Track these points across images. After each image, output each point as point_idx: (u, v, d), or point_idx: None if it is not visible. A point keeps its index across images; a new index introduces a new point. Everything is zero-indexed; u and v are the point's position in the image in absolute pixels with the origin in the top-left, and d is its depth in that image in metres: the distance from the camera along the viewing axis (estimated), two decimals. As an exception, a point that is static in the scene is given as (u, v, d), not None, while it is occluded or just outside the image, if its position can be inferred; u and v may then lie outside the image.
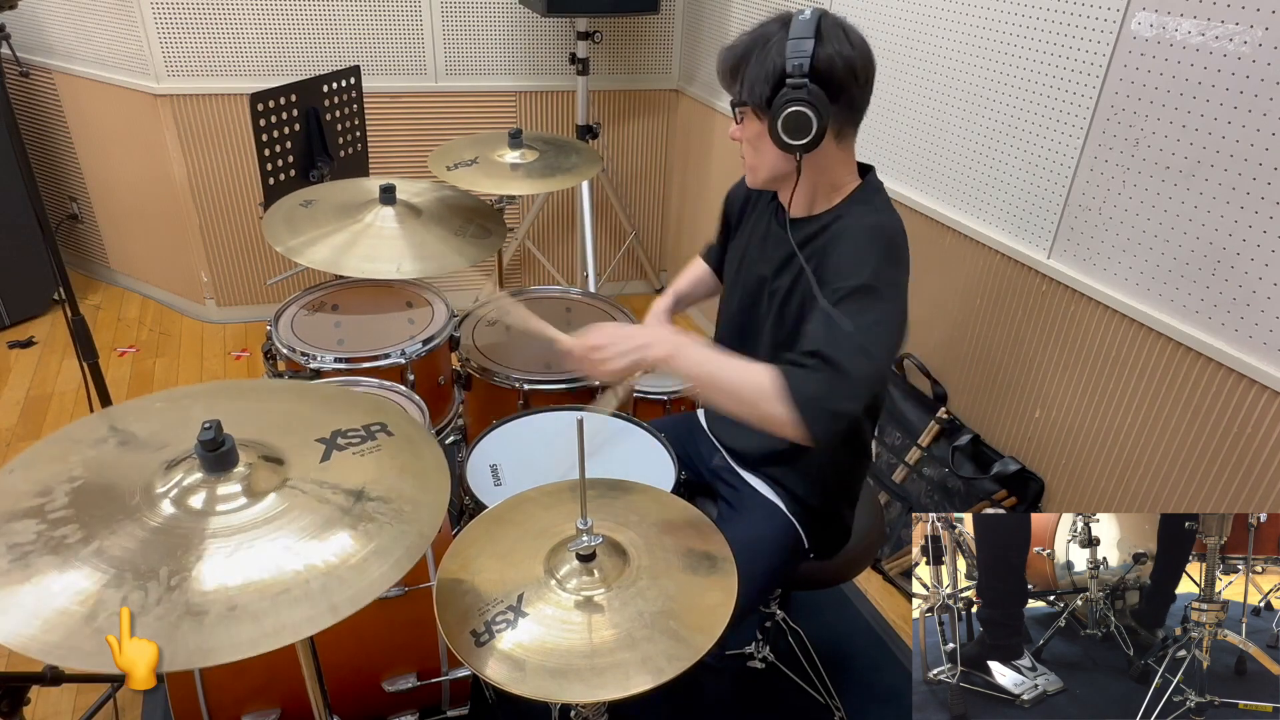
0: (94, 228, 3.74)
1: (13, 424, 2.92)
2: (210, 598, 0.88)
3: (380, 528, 0.98)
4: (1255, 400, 1.55)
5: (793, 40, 1.24)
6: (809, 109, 1.24)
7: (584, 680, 1.00)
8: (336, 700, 1.50)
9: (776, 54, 1.25)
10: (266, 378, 2.11)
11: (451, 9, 3.23)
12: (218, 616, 0.86)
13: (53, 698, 1.95)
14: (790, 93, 1.24)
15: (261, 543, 0.94)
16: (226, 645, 0.84)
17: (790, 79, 1.24)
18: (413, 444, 1.13)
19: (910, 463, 2.38)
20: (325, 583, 0.91)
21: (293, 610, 0.88)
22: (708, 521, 1.25)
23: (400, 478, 1.07)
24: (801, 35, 1.24)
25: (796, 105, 1.24)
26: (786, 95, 1.24)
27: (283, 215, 2.00)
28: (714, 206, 1.69)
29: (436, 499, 1.05)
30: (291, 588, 0.90)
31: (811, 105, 1.24)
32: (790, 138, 1.27)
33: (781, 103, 1.25)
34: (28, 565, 0.89)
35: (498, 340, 2.17)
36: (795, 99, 1.24)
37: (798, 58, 1.23)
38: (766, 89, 1.27)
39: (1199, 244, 1.60)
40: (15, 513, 0.95)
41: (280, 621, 0.87)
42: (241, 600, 0.88)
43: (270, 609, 0.88)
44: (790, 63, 1.24)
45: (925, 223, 2.26)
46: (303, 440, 1.10)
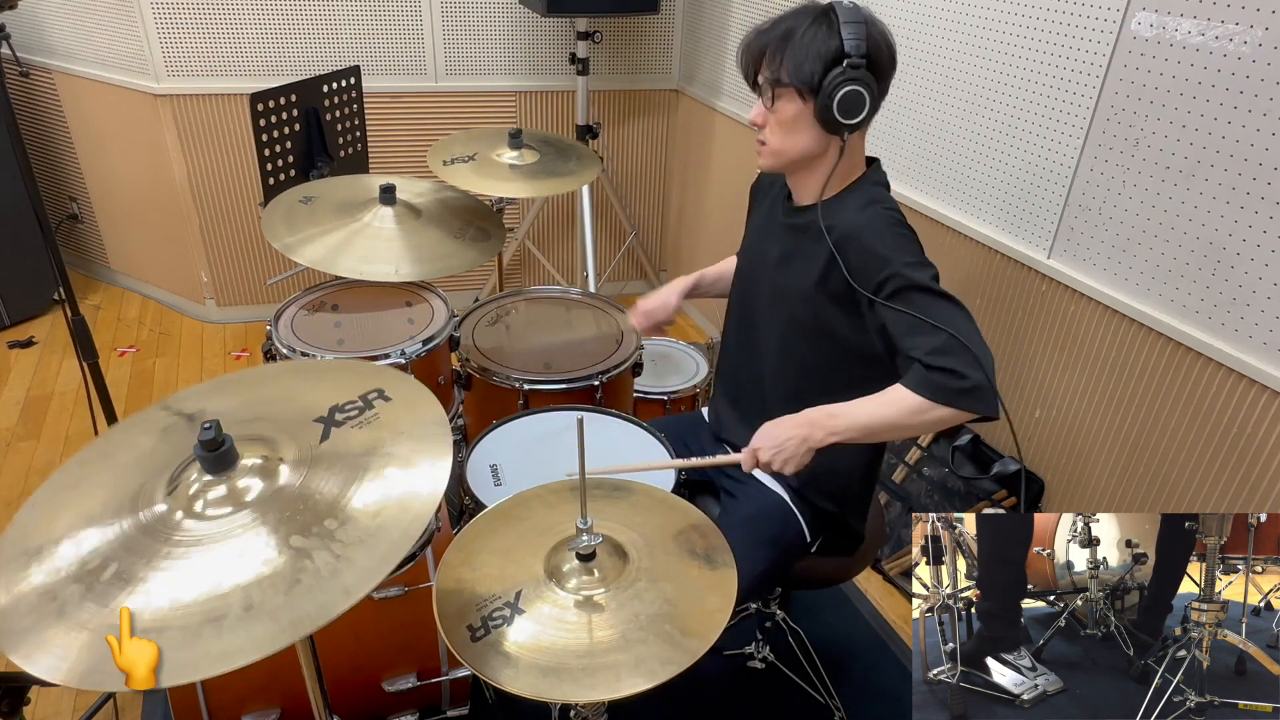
0: (94, 228, 3.74)
1: (13, 424, 2.93)
2: (228, 599, 0.88)
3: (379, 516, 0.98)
4: (1255, 400, 1.55)
5: (848, 24, 1.28)
6: (865, 89, 1.29)
7: (575, 680, 1.00)
8: (336, 700, 1.50)
9: (828, 35, 1.29)
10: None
11: (451, 9, 3.24)
12: (236, 619, 0.86)
13: (53, 698, 1.95)
14: (849, 73, 1.28)
15: (265, 538, 0.94)
16: (249, 645, 0.84)
17: (850, 59, 1.28)
18: (413, 406, 1.13)
19: (910, 463, 2.38)
20: (336, 567, 0.91)
21: (306, 599, 0.88)
22: (709, 523, 1.25)
23: (396, 440, 1.06)
24: (854, 19, 1.28)
25: (854, 85, 1.28)
26: (844, 75, 1.28)
27: (282, 212, 1.99)
28: (714, 206, 1.69)
29: (439, 450, 1.04)
30: (302, 577, 0.90)
31: (867, 86, 1.29)
32: (845, 117, 1.30)
33: (836, 82, 1.28)
34: (55, 598, 0.89)
35: (498, 340, 2.17)
36: (853, 79, 1.28)
37: (855, 40, 1.27)
38: (819, 67, 1.29)
39: (1199, 244, 1.60)
40: (37, 550, 0.95)
41: (299, 612, 0.87)
42: (257, 597, 0.88)
43: (285, 604, 0.88)
44: (849, 43, 1.27)
45: (925, 223, 2.26)
46: (301, 423, 1.09)
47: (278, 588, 0.89)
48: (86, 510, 1.00)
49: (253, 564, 0.91)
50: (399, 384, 1.17)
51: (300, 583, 0.89)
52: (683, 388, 2.28)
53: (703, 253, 3.64)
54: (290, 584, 0.89)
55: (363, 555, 0.92)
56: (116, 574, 0.91)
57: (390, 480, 1.01)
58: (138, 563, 0.92)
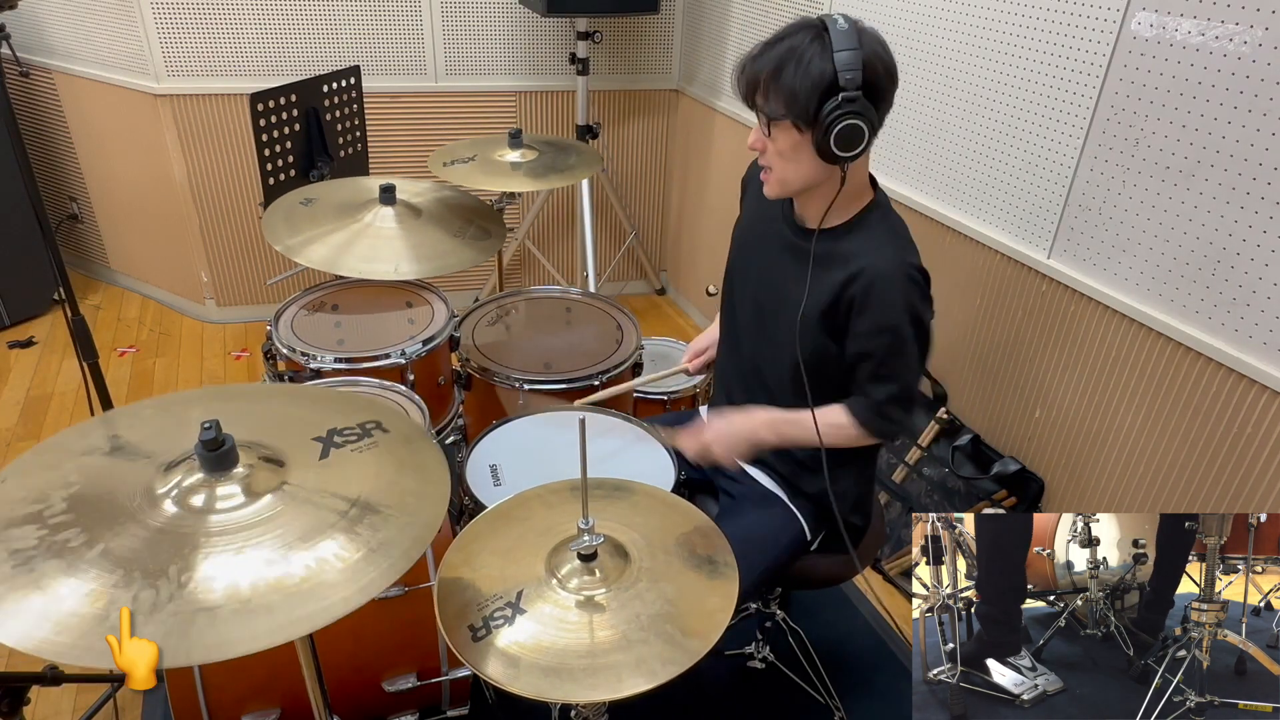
0: (94, 228, 3.74)
1: (13, 424, 2.92)
2: (223, 594, 0.88)
3: (386, 520, 0.99)
4: (1255, 400, 1.55)
5: (840, 52, 1.21)
6: (863, 121, 1.24)
7: (576, 680, 1.00)
8: (336, 700, 1.50)
9: (822, 64, 1.22)
10: (266, 379, 2.11)
11: (451, 9, 3.23)
12: (232, 612, 0.87)
13: (53, 698, 1.95)
14: (845, 105, 1.22)
15: (268, 539, 0.95)
16: (245, 637, 0.85)
17: (845, 92, 1.22)
18: (409, 441, 1.14)
19: (910, 463, 2.38)
20: (336, 577, 0.92)
21: (305, 604, 0.89)
22: (710, 523, 1.25)
23: (400, 473, 1.07)
24: (847, 46, 1.22)
25: (852, 119, 1.23)
26: (841, 108, 1.22)
27: (282, 214, 2.00)
28: (714, 206, 1.70)
29: (438, 491, 1.05)
30: (303, 583, 0.91)
31: (864, 117, 1.24)
32: (843, 150, 1.25)
33: (833, 115, 1.23)
34: (32, 570, 0.89)
35: (498, 340, 2.17)
36: (850, 111, 1.22)
37: (850, 70, 1.21)
38: (814, 100, 1.24)
39: (1199, 244, 1.60)
40: (13, 519, 0.95)
41: (293, 614, 0.88)
42: (255, 595, 0.89)
43: (283, 603, 0.88)
44: (843, 75, 1.21)
45: (925, 223, 2.26)
46: (300, 439, 1.10)
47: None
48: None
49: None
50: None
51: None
52: (682, 388, 2.28)
53: (703, 252, 3.64)
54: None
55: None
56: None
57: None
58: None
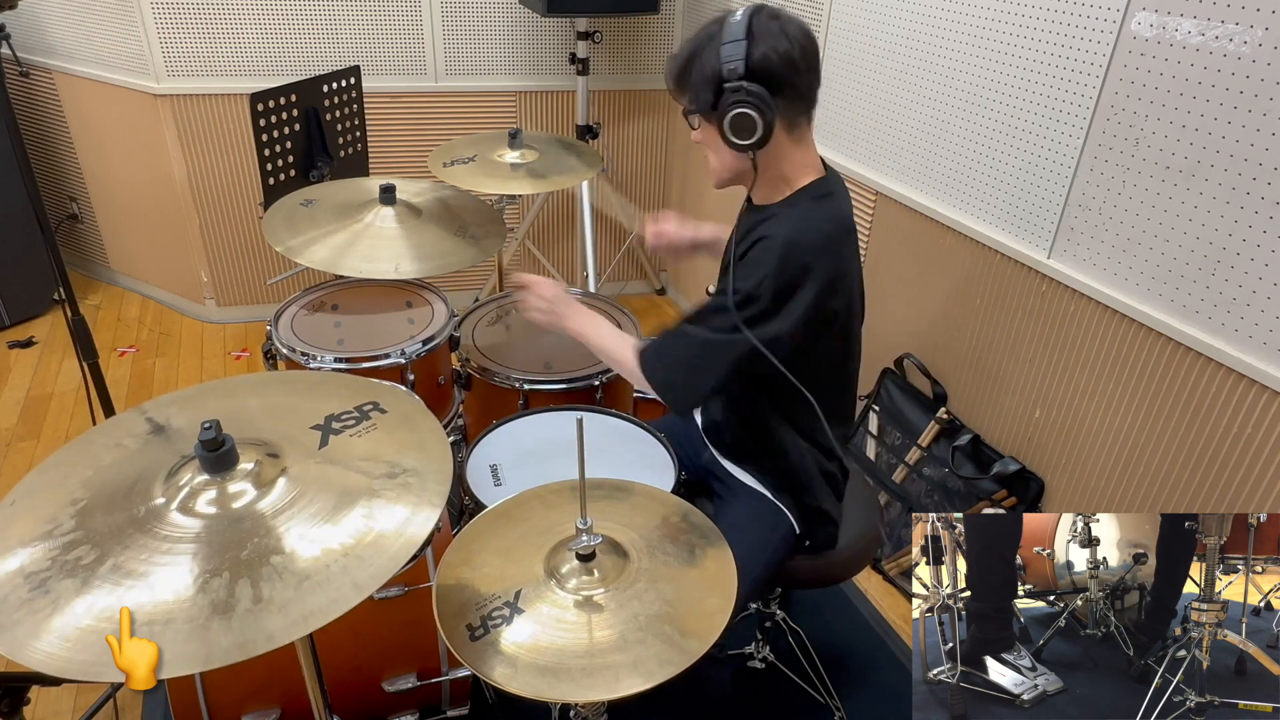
0: (94, 228, 3.74)
1: (13, 424, 2.92)
2: (259, 587, 0.90)
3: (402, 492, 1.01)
4: (1255, 400, 1.55)
5: (726, 45, 1.25)
6: (752, 109, 1.26)
7: (574, 680, 1.00)
8: (336, 700, 1.50)
9: (712, 59, 1.27)
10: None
11: (451, 9, 3.23)
12: (281, 603, 0.89)
13: (53, 698, 1.95)
14: (730, 95, 1.26)
15: (296, 524, 0.97)
16: (285, 626, 0.87)
17: (728, 83, 1.25)
18: (408, 419, 1.14)
19: (910, 463, 2.38)
20: (363, 553, 0.94)
21: (344, 579, 0.91)
22: (710, 524, 1.25)
23: (400, 452, 1.07)
24: (733, 38, 1.25)
25: (739, 108, 1.26)
26: (728, 99, 1.26)
27: (283, 215, 2.00)
28: (714, 206, 1.70)
29: (440, 467, 1.06)
30: (338, 558, 0.93)
31: (754, 105, 1.26)
32: (739, 139, 1.29)
33: (725, 106, 1.27)
34: (48, 591, 0.89)
35: (498, 340, 2.17)
36: (737, 101, 1.26)
37: (732, 61, 1.25)
38: (709, 94, 1.29)
39: (1199, 244, 1.60)
40: (26, 538, 0.96)
41: (335, 593, 0.89)
42: (313, 571, 0.91)
43: (327, 579, 0.91)
44: (725, 67, 1.25)
45: (925, 222, 2.26)
46: (298, 430, 1.10)
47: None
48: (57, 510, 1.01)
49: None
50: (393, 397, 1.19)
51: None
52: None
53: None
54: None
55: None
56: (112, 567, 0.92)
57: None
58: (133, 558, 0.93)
